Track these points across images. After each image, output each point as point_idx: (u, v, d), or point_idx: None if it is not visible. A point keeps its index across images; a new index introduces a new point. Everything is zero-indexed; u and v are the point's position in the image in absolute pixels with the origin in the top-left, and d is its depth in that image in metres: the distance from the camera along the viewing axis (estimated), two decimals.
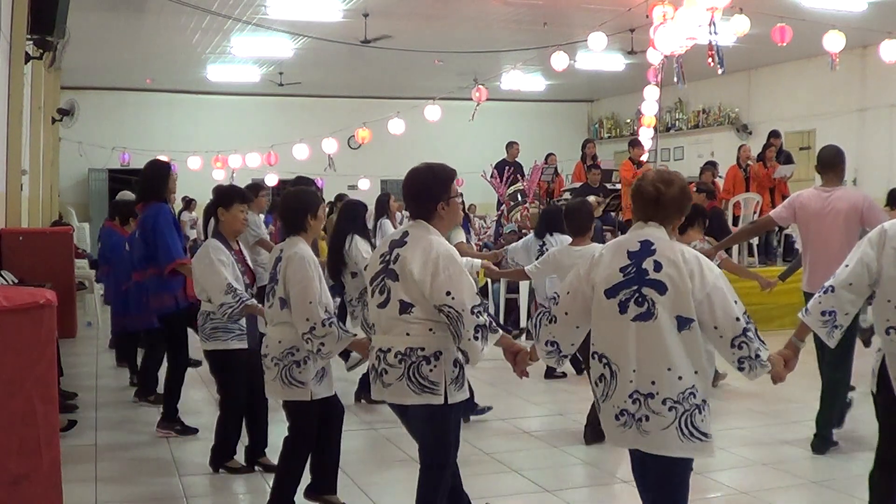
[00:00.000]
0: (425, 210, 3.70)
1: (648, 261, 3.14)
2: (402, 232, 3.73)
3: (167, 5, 11.85)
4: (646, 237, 3.19)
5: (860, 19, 12.40)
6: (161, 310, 6.03)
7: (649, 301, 3.10)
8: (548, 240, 8.39)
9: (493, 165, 13.75)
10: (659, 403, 3.09)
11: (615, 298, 3.15)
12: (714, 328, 3.11)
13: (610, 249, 3.26)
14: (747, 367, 3.14)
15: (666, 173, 3.30)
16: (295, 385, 4.26)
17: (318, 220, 4.47)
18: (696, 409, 3.11)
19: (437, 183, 3.73)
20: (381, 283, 3.64)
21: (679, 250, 3.16)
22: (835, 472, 5.31)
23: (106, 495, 4.91)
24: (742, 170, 12.48)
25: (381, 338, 3.65)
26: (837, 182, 5.82)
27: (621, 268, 3.16)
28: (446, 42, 14.77)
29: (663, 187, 3.20)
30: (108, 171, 19.95)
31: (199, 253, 5.18)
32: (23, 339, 3.31)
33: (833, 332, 3.59)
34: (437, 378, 3.55)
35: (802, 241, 5.86)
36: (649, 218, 3.23)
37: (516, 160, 14.11)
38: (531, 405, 6.96)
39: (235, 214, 5.27)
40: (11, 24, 9.20)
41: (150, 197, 6.11)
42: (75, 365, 8.52)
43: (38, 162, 13.35)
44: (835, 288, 3.57)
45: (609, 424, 3.22)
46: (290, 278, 4.20)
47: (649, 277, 3.12)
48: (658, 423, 3.10)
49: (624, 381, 3.14)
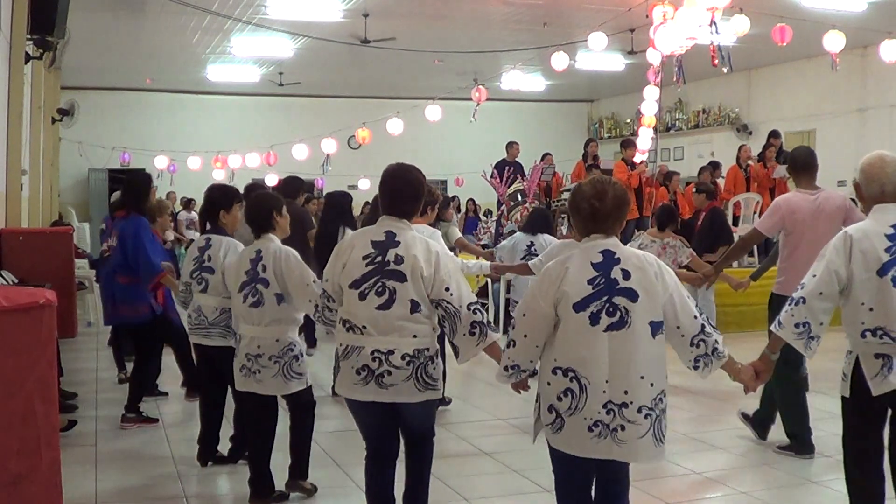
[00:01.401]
0: (414, 210, 3.80)
1: (616, 270, 3.15)
2: (385, 232, 3.70)
3: (167, 5, 11.86)
4: (605, 247, 3.20)
5: (860, 19, 12.40)
6: (137, 318, 6.25)
7: (622, 309, 3.11)
8: (536, 239, 8.43)
9: (493, 165, 13.74)
10: (634, 412, 3.10)
11: (585, 311, 3.13)
12: (677, 328, 3.17)
13: (573, 264, 3.21)
14: (702, 364, 3.20)
15: (600, 185, 3.26)
16: (295, 377, 4.53)
17: (285, 218, 4.69)
18: (664, 412, 3.17)
19: (422, 186, 3.85)
20: (379, 285, 3.61)
21: (640, 255, 3.21)
22: (834, 471, 5.29)
23: (106, 495, 4.91)
24: (742, 170, 12.49)
25: (380, 339, 3.62)
26: (813, 183, 5.68)
27: (589, 280, 3.15)
28: (446, 42, 14.77)
29: (597, 203, 3.21)
30: (108, 171, 19.97)
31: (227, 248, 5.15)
32: (23, 339, 3.31)
33: (810, 343, 3.58)
34: (438, 375, 3.73)
35: (787, 246, 5.61)
36: (591, 231, 3.25)
37: (516, 160, 14.10)
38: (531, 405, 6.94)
39: (236, 215, 5.34)
40: (11, 24, 9.20)
41: (130, 208, 6.24)
42: (75, 365, 8.51)
43: (38, 162, 13.36)
44: (806, 299, 3.55)
45: (579, 436, 3.17)
46: (286, 272, 4.40)
47: (620, 286, 3.12)
48: (635, 432, 3.11)
49: (595, 392, 3.11)
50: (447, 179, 21.02)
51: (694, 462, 5.59)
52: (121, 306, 6.37)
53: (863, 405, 3.57)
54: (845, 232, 3.62)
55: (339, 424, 6.31)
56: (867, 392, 3.51)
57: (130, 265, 6.14)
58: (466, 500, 4.81)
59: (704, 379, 3.34)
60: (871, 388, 3.50)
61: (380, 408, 3.71)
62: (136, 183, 6.48)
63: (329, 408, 6.84)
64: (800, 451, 5.55)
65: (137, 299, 6.23)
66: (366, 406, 3.72)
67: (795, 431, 5.60)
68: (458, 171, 20.18)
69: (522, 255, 8.11)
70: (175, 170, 19.20)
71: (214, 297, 5.16)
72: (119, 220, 6.26)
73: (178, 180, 18.91)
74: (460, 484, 4.96)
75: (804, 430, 5.60)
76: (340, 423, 6.69)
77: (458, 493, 4.83)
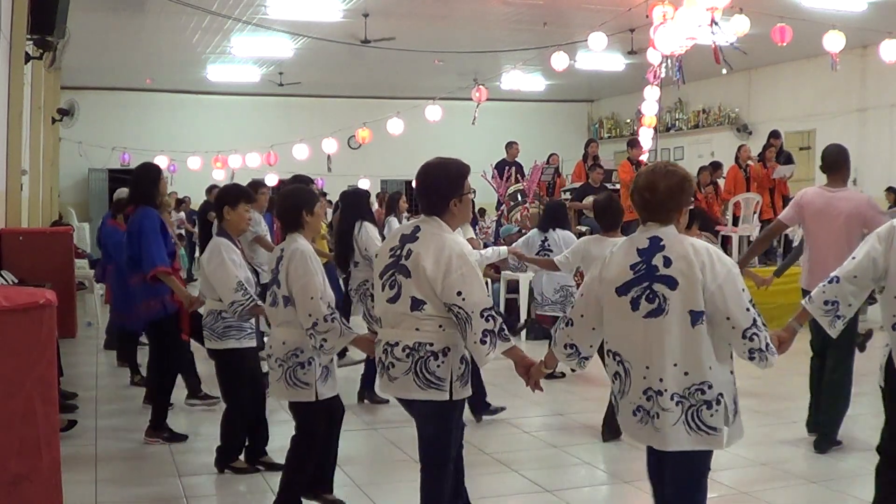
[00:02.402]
0: (438, 206, 3.66)
1: (658, 257, 3.13)
2: (414, 227, 3.68)
3: (167, 5, 11.86)
4: (654, 234, 3.19)
5: (860, 19, 12.40)
6: (150, 315, 6.00)
7: (660, 297, 3.09)
8: (550, 235, 8.37)
9: (493, 165, 13.75)
10: (668, 399, 3.09)
11: (626, 296, 3.15)
12: (727, 319, 3.08)
13: (621, 248, 3.26)
14: (758, 357, 3.13)
15: (652, 175, 3.23)
16: (300, 386, 4.26)
17: (315, 217, 4.47)
18: (705, 404, 3.10)
19: (451, 179, 3.69)
20: (392, 278, 3.62)
21: (689, 244, 3.14)
22: (834, 471, 5.30)
23: (106, 495, 4.91)
24: (742, 170, 12.49)
25: (389, 331, 3.64)
26: (842, 183, 5.74)
27: (631, 265, 3.16)
28: (446, 42, 14.77)
29: (648, 194, 3.19)
30: (108, 171, 19.95)
31: (210, 251, 5.15)
32: (23, 339, 3.31)
33: (835, 322, 3.63)
34: (444, 374, 3.56)
35: (805, 239, 5.82)
36: (647, 220, 3.23)
37: (516, 160, 14.11)
38: (531, 405, 6.96)
39: (241, 213, 5.28)
40: (11, 24, 9.20)
41: (139, 200, 6.08)
42: (75, 365, 8.51)
43: (38, 162, 13.36)
44: (840, 279, 3.63)
45: (627, 420, 3.23)
46: (292, 275, 4.20)
47: (659, 273, 3.11)
48: (668, 420, 3.10)
49: (637, 377, 3.15)
50: None
51: None
52: (135, 305, 6.12)
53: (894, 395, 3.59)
54: (892, 222, 3.63)
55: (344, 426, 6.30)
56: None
57: (137, 259, 5.92)
58: None
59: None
60: None
61: (403, 404, 3.76)
62: (145, 173, 6.19)
63: None
64: (822, 448, 5.60)
65: (150, 295, 5.94)
66: (399, 401, 3.78)
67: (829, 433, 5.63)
68: None
69: (536, 252, 8.09)
70: (175, 170, 19.20)
71: (207, 299, 5.24)
72: (130, 217, 6.13)
73: (179, 180, 18.90)
74: None
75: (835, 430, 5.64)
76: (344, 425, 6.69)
77: None
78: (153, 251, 5.82)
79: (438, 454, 3.68)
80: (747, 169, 12.43)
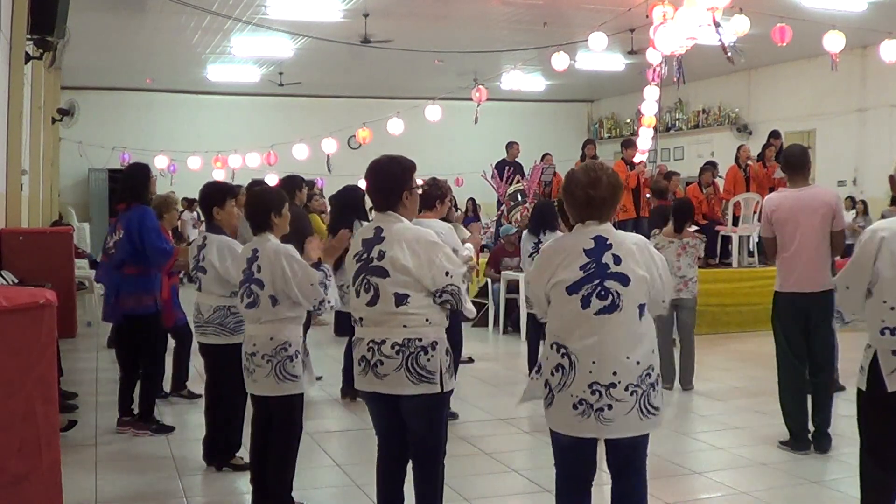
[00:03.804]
0: (391, 200, 3.78)
1: (607, 255, 3.24)
2: (374, 228, 3.77)
3: (167, 5, 11.86)
4: (597, 233, 3.28)
5: (860, 19, 12.40)
6: (139, 309, 6.08)
7: (613, 293, 3.21)
8: (542, 238, 8.35)
9: (493, 165, 13.75)
10: (622, 391, 3.20)
11: (577, 294, 3.24)
12: (662, 301, 3.35)
13: (562, 251, 3.33)
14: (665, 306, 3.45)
15: (593, 172, 3.33)
16: (289, 379, 4.33)
17: (283, 218, 4.53)
18: (652, 387, 3.26)
19: (401, 173, 3.83)
20: (365, 282, 3.68)
21: (631, 241, 3.30)
22: (834, 471, 5.31)
23: (106, 495, 4.91)
24: (742, 170, 12.48)
25: (374, 329, 3.68)
26: (805, 182, 5.74)
27: (581, 266, 3.25)
28: (446, 42, 14.77)
29: (592, 191, 3.28)
30: (108, 171, 19.93)
31: (219, 248, 5.16)
32: (23, 339, 3.31)
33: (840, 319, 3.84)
34: (434, 367, 3.65)
35: (778, 244, 5.70)
36: (585, 218, 3.32)
37: (516, 160, 14.11)
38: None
39: (230, 210, 5.35)
40: (11, 24, 9.20)
41: (131, 199, 6.18)
42: (75, 365, 8.51)
43: (38, 162, 13.36)
44: (837, 287, 3.74)
45: (564, 413, 3.27)
46: (287, 273, 4.24)
47: (611, 271, 3.22)
48: (621, 409, 3.20)
49: (583, 372, 3.22)
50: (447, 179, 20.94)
51: (694, 462, 5.59)
52: (124, 298, 6.15)
53: (878, 399, 3.60)
54: (875, 230, 3.65)
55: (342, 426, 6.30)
56: (883, 386, 3.55)
57: (139, 254, 6.02)
58: (466, 500, 4.81)
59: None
60: (886, 384, 3.53)
61: (382, 401, 3.74)
62: (134, 174, 6.39)
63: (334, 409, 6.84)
64: (823, 447, 5.60)
65: (144, 290, 6.08)
66: (371, 398, 3.78)
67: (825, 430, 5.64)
68: (458, 171, 20.14)
69: (529, 254, 8.09)
70: (175, 170, 19.19)
71: (208, 295, 5.21)
72: (122, 214, 6.18)
73: (179, 180, 18.87)
74: (460, 484, 4.95)
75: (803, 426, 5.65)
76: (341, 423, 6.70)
77: (458, 493, 4.82)
78: (163, 244, 6.06)
79: (434, 448, 3.76)
80: (747, 169, 12.42)
